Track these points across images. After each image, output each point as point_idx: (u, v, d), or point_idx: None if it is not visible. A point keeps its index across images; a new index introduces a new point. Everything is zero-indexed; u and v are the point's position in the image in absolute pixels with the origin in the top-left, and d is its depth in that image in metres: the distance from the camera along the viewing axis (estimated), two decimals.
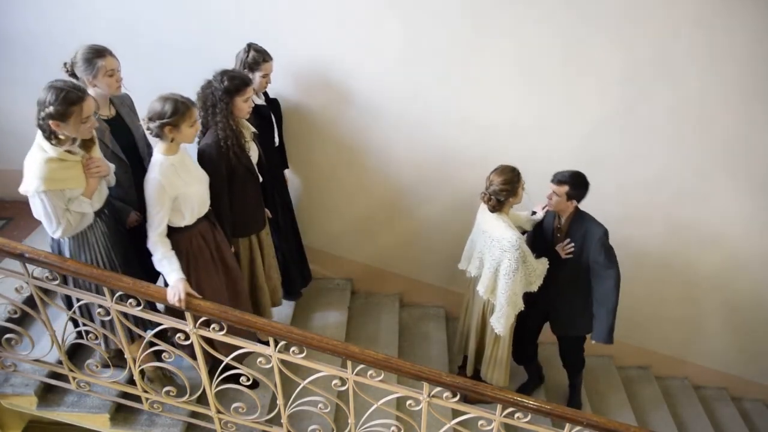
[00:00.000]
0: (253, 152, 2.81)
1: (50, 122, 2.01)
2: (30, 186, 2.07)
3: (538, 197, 3.13)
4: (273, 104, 3.21)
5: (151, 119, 2.25)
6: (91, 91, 2.42)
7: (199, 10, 3.15)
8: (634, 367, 4.57)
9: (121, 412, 2.68)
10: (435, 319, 4.19)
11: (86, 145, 2.19)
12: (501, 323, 3.02)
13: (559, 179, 2.95)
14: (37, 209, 2.13)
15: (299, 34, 3.20)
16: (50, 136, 2.06)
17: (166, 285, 2.32)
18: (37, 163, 2.06)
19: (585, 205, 3.68)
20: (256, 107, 3.01)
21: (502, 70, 3.27)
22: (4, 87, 3.40)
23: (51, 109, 1.98)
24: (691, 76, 3.25)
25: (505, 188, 2.83)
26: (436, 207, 3.80)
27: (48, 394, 2.64)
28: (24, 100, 3.41)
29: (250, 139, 2.78)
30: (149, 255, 2.35)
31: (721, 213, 3.77)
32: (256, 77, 2.94)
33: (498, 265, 2.93)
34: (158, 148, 2.33)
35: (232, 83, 2.56)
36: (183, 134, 2.29)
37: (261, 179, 2.88)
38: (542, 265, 3.05)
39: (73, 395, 2.65)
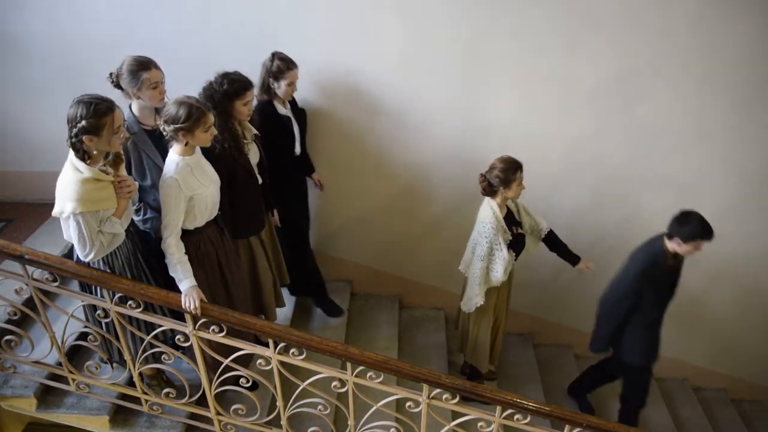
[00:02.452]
0: (253, 154, 2.80)
1: (84, 137, 1.99)
2: (66, 208, 2.04)
3: (538, 197, 3.13)
4: (299, 114, 3.19)
5: (166, 122, 2.24)
6: (134, 102, 2.44)
7: (202, 10, 3.16)
8: None
9: (120, 413, 2.68)
10: (434, 320, 4.19)
11: (115, 163, 2.17)
12: (463, 301, 3.14)
13: (711, 236, 2.93)
14: (71, 232, 2.10)
15: (300, 36, 3.21)
16: (84, 155, 2.04)
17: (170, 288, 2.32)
18: (72, 185, 2.03)
19: (583, 208, 3.70)
20: (279, 117, 3.01)
21: (503, 71, 3.28)
22: (4, 88, 3.40)
23: (84, 123, 1.96)
24: (688, 78, 3.26)
25: (500, 176, 2.86)
26: (436, 208, 3.80)
27: (47, 395, 2.63)
28: (24, 101, 3.44)
29: (251, 140, 2.78)
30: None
31: (721, 213, 3.76)
32: (282, 85, 2.94)
33: (475, 245, 3.04)
34: (174, 148, 2.32)
35: (232, 87, 2.56)
36: (197, 138, 2.29)
37: (260, 181, 2.88)
38: (503, 274, 3.04)
39: (73, 397, 2.64)
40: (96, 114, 1.97)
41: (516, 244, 3.06)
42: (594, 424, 2.30)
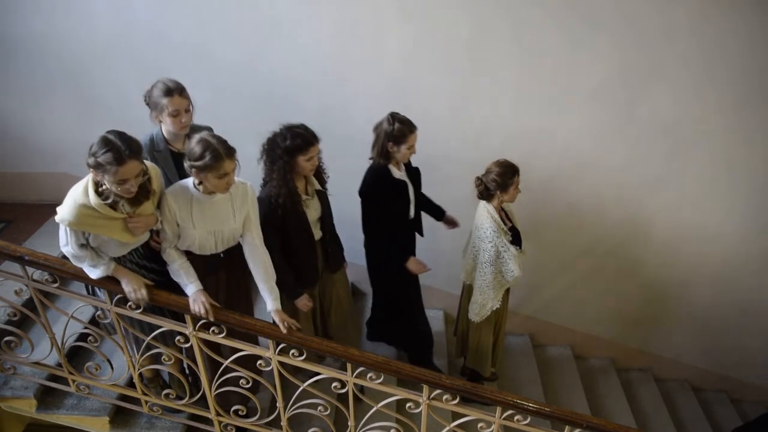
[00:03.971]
0: (314, 210, 2.70)
1: (90, 169, 1.99)
2: (59, 215, 2.06)
3: (537, 197, 3.11)
4: (414, 174, 3.06)
5: (185, 155, 2.17)
6: (163, 126, 2.42)
7: (201, 10, 3.15)
8: (634, 369, 4.57)
9: (120, 414, 2.68)
10: (434, 321, 4.17)
11: (137, 200, 2.12)
12: (473, 310, 3.10)
13: None
14: (60, 229, 2.12)
15: (299, 35, 3.21)
16: (99, 183, 2.03)
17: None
18: (72, 202, 2.03)
19: (583, 208, 3.69)
20: (395, 182, 2.90)
21: (503, 71, 3.27)
22: (3, 89, 3.40)
23: (91, 160, 1.96)
24: (688, 79, 3.26)
25: (497, 180, 2.84)
26: None
27: (47, 396, 2.63)
28: (23, 102, 3.44)
29: (313, 195, 2.69)
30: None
31: (720, 214, 3.77)
32: (402, 149, 2.80)
33: (477, 252, 3.01)
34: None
35: (294, 142, 2.45)
36: (210, 182, 2.17)
37: (318, 237, 2.77)
38: (519, 269, 2.99)
39: (73, 398, 2.64)
40: (103, 158, 1.94)
41: (516, 238, 3.05)
42: (594, 424, 2.30)
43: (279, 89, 3.32)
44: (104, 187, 2.03)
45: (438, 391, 2.30)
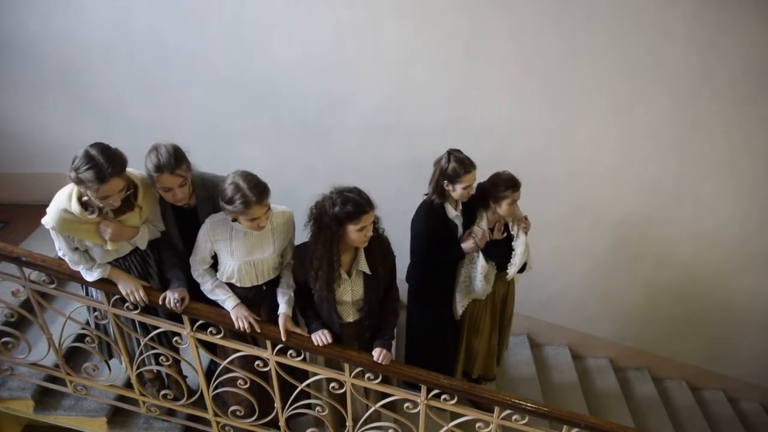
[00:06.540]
0: (346, 291, 2.32)
1: (73, 183, 1.98)
2: (45, 217, 2.06)
3: (536, 196, 3.10)
4: (469, 210, 2.85)
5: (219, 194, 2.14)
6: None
7: (199, 10, 3.14)
8: (632, 369, 4.58)
9: (118, 415, 2.67)
10: None
11: (120, 210, 2.10)
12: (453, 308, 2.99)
13: None
14: (51, 234, 2.12)
15: (297, 35, 3.20)
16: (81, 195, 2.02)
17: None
18: (56, 208, 2.03)
19: (581, 207, 3.67)
20: (446, 222, 2.74)
21: (500, 71, 3.27)
22: (0, 90, 3.39)
23: (72, 174, 1.93)
24: (687, 77, 3.26)
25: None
26: None
27: (45, 397, 2.63)
28: (20, 103, 3.43)
29: (355, 276, 2.31)
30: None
31: (719, 213, 3.78)
32: (458, 189, 2.62)
33: None
34: None
35: (344, 209, 2.12)
36: (242, 223, 2.15)
37: (355, 319, 2.39)
38: (482, 283, 2.86)
39: (70, 399, 2.64)
40: (85, 175, 1.91)
41: (493, 251, 2.86)
42: (592, 424, 2.30)
43: (277, 90, 3.32)
44: (87, 198, 2.02)
45: (436, 391, 2.30)
